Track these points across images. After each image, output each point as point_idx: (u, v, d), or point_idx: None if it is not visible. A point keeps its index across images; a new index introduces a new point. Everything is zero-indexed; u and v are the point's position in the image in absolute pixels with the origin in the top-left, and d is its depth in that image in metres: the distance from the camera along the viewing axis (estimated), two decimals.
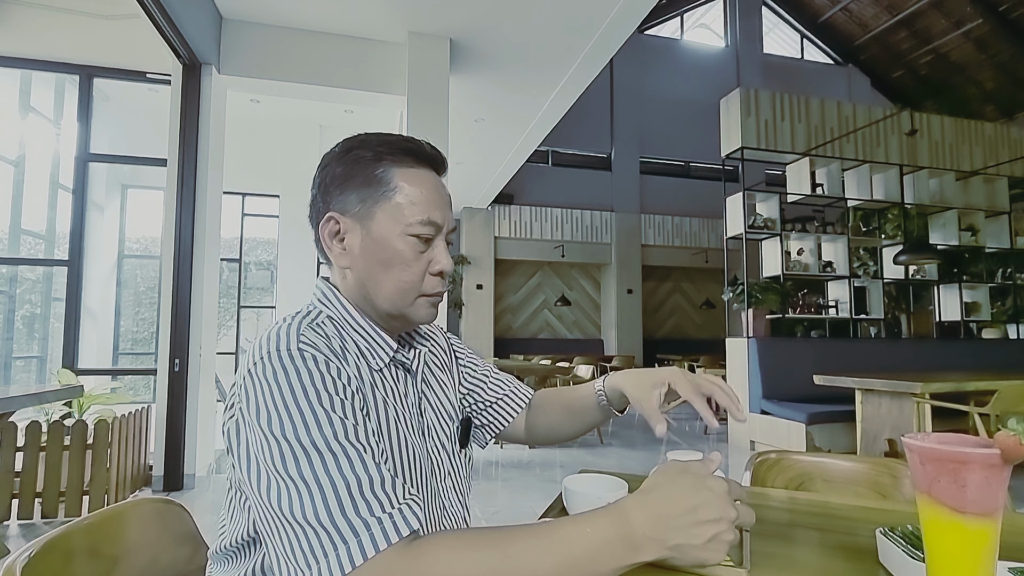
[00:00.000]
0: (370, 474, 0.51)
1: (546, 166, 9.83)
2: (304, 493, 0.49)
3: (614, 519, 0.51)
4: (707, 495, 0.51)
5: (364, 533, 0.47)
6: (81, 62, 4.23)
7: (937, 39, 10.48)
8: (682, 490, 0.52)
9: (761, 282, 5.38)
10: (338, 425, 0.53)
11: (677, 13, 10.87)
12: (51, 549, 0.60)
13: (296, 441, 0.51)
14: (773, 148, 5.38)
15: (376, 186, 0.65)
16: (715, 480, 0.53)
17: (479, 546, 0.49)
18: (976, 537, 0.44)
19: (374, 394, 0.64)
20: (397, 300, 0.67)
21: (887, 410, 3.27)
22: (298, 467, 0.50)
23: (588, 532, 0.50)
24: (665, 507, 0.51)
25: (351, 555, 0.46)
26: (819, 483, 1.12)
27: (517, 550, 0.48)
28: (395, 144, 0.67)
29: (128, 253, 6.50)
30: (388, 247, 0.65)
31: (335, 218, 0.67)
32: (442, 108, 3.78)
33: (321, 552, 0.47)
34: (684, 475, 0.54)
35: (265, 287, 7.36)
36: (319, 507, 0.48)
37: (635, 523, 0.50)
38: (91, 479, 2.79)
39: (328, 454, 0.51)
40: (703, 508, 0.51)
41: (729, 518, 0.51)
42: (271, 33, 3.76)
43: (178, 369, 3.38)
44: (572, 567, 0.48)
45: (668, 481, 0.53)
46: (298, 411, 0.52)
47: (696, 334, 10.77)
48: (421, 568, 0.47)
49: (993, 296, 6.24)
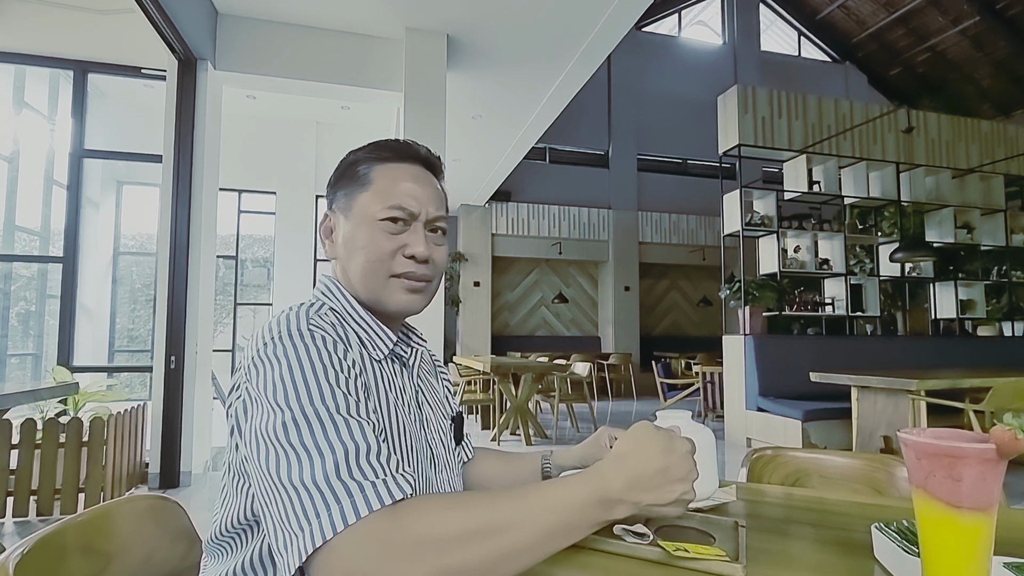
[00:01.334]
0: (368, 443, 0.52)
1: (543, 163, 9.82)
2: (304, 458, 0.51)
3: (594, 483, 0.54)
4: (674, 457, 0.56)
5: (358, 494, 0.48)
6: (75, 57, 4.20)
7: (934, 37, 10.49)
8: (654, 453, 0.56)
9: (758, 279, 5.39)
10: (341, 399, 0.55)
11: (675, 10, 10.85)
12: (45, 546, 0.60)
13: (300, 411, 0.53)
14: (770, 145, 5.39)
15: (357, 181, 0.71)
16: (681, 441, 0.58)
17: (464, 506, 0.51)
18: (971, 532, 0.44)
19: (375, 381, 0.67)
20: (369, 281, 0.70)
21: (883, 407, 3.29)
22: (299, 435, 0.52)
23: (570, 494, 0.53)
24: (638, 471, 0.55)
25: (344, 515, 0.47)
26: (815, 479, 1.12)
27: (502, 511, 0.51)
28: (381, 144, 0.74)
29: (124, 250, 6.47)
30: (361, 233, 0.69)
31: (328, 215, 0.74)
32: (439, 105, 3.77)
33: (313, 513, 0.48)
34: (655, 439, 0.57)
35: (262, 284, 7.34)
36: (317, 470, 0.50)
37: (612, 488, 0.54)
38: (87, 476, 2.78)
39: (329, 423, 0.52)
40: (672, 469, 0.55)
41: (692, 478, 0.56)
42: (267, 29, 3.74)
43: (174, 366, 3.37)
44: (553, 526, 0.51)
45: (640, 444, 0.57)
46: (304, 384, 0.54)
47: (693, 332, 10.79)
48: (404, 527, 0.48)
49: (988, 294, 6.27)
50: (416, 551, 0.47)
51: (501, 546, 0.49)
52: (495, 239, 9.36)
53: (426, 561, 0.47)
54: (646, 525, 0.65)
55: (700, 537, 0.65)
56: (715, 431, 5.52)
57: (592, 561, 0.60)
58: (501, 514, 0.50)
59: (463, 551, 0.48)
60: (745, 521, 0.68)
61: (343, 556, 0.47)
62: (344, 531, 0.47)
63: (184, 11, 3.16)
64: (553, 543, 0.52)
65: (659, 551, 0.59)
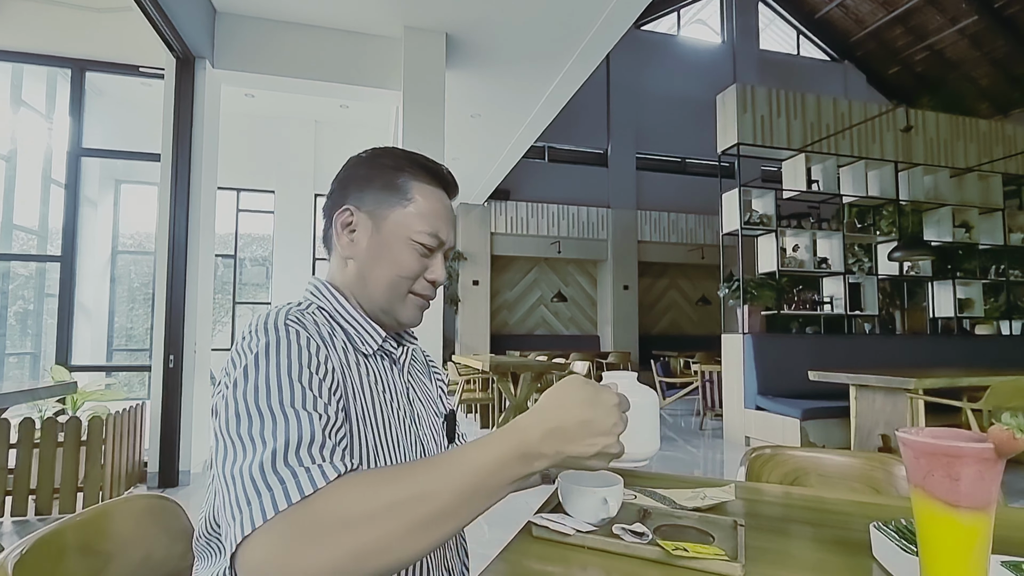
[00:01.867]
0: (312, 435, 0.52)
1: (542, 162, 9.81)
2: (240, 449, 0.51)
3: (511, 437, 0.53)
4: (599, 410, 0.54)
5: (290, 481, 0.48)
6: (73, 55, 4.19)
7: (933, 36, 10.50)
8: (576, 404, 0.54)
9: (757, 278, 5.39)
10: (297, 393, 0.54)
11: (674, 9, 10.85)
12: (44, 546, 0.60)
13: (254, 406, 0.53)
14: (769, 144, 5.39)
15: (394, 192, 0.72)
16: (607, 393, 0.56)
17: (382, 481, 0.50)
18: (969, 531, 0.44)
19: (360, 377, 0.67)
20: (390, 293, 0.72)
21: (881, 406, 3.29)
22: (242, 427, 0.52)
23: (487, 452, 0.52)
24: (559, 421, 0.53)
25: (275, 502, 0.47)
26: (814, 478, 1.13)
27: (416, 481, 0.50)
28: (417, 160, 0.75)
29: (122, 249, 6.46)
30: (393, 248, 0.71)
31: (350, 210, 0.72)
32: (438, 104, 3.76)
33: (245, 501, 0.47)
34: (579, 390, 0.55)
35: (260, 283, 7.33)
36: (253, 461, 0.49)
37: (531, 439, 0.52)
38: (85, 476, 2.78)
39: (273, 416, 0.52)
40: (595, 422, 0.53)
41: (618, 431, 0.54)
42: (266, 27, 3.73)
43: (173, 365, 3.37)
44: (471, 488, 0.50)
45: (563, 396, 0.55)
46: (264, 380, 0.55)
47: (692, 330, 10.80)
48: (317, 514, 0.47)
49: (986, 292, 6.28)
50: (329, 536, 0.46)
51: (419, 515, 0.48)
52: (494, 238, 9.36)
53: (341, 544, 0.46)
54: (644, 524, 0.65)
55: (699, 536, 0.65)
56: (714, 430, 5.55)
57: (591, 560, 0.60)
58: (416, 483, 0.49)
59: (379, 527, 0.47)
60: (744, 520, 0.68)
61: (256, 550, 0.46)
62: (262, 525, 0.46)
63: (182, 9, 3.15)
64: (473, 504, 0.51)
65: (658, 550, 0.59)
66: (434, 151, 3.66)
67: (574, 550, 0.63)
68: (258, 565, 0.46)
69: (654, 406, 0.68)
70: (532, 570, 0.59)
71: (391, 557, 0.47)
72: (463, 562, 0.77)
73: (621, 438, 0.55)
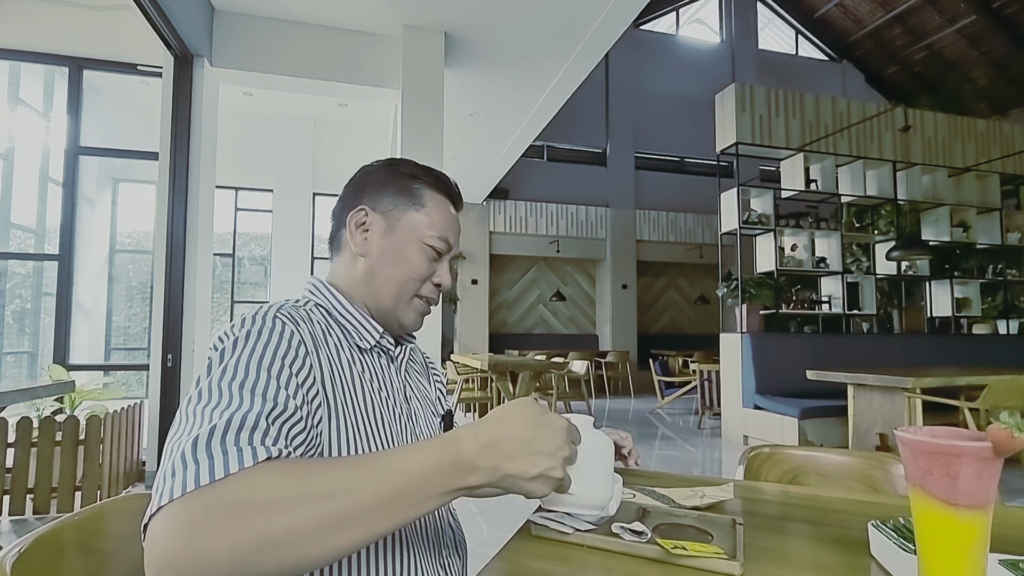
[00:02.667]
0: (255, 423, 0.49)
1: (541, 161, 9.80)
2: (186, 423, 0.49)
3: (445, 446, 0.50)
4: (544, 430, 0.51)
5: (218, 459, 0.45)
6: (71, 53, 4.17)
7: (931, 35, 10.51)
8: (519, 422, 0.51)
9: (755, 278, 5.40)
10: (261, 380, 0.53)
11: (672, 8, 10.84)
12: (41, 545, 0.60)
13: (216, 385, 0.52)
14: (768, 144, 5.39)
15: (409, 197, 0.76)
16: (555, 417, 0.53)
17: (305, 472, 0.47)
18: (967, 529, 0.44)
19: (353, 373, 0.67)
20: (397, 293, 0.74)
21: (879, 405, 3.30)
22: (200, 404, 0.51)
23: (416, 459, 0.49)
24: (498, 436, 0.50)
25: (196, 478, 0.44)
26: (812, 477, 1.13)
27: (339, 476, 0.47)
28: (432, 172, 0.80)
29: (120, 248, 6.45)
30: (405, 249, 0.74)
31: (365, 210, 0.75)
32: (437, 102, 3.76)
33: (170, 473, 0.45)
34: (525, 409, 0.53)
35: (259, 282, 7.32)
36: (190, 435, 0.47)
37: (465, 451, 0.49)
38: (83, 475, 2.78)
39: (228, 396, 0.51)
40: (537, 442, 0.50)
41: (562, 455, 0.51)
42: (264, 25, 3.72)
43: (171, 364, 3.36)
44: (393, 492, 0.47)
45: (507, 414, 0.52)
46: (234, 363, 0.54)
47: (690, 330, 10.80)
48: (227, 495, 0.44)
49: (984, 292, 6.30)
50: (234, 519, 0.43)
51: (331, 512, 0.45)
52: (493, 237, 9.35)
53: (243, 529, 0.42)
54: (643, 523, 0.65)
55: (698, 535, 0.65)
56: (712, 429, 5.55)
57: (590, 559, 0.60)
58: (338, 479, 0.46)
59: (286, 517, 0.43)
60: (743, 519, 0.69)
61: (159, 524, 0.43)
62: (174, 499, 0.43)
63: (180, 7, 3.14)
64: (394, 510, 0.47)
65: (657, 549, 0.59)
66: (433, 150, 3.66)
67: (573, 549, 0.63)
68: (158, 539, 0.42)
69: (609, 454, 0.61)
70: (531, 569, 0.59)
71: (293, 553, 0.44)
72: (461, 560, 0.77)
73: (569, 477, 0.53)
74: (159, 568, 0.42)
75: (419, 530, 0.69)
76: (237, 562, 0.42)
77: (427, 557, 0.68)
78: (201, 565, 0.41)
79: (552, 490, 0.52)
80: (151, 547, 0.43)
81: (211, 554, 0.42)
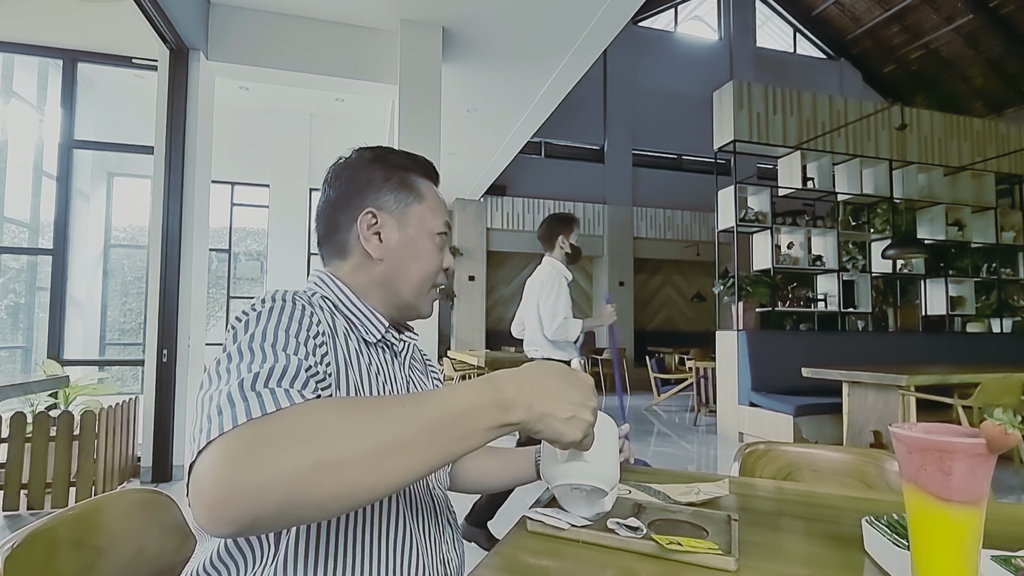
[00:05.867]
0: (295, 372, 0.52)
1: (539, 158, 9.79)
2: (219, 380, 0.51)
3: (487, 385, 0.53)
4: (574, 380, 0.57)
5: (267, 396, 0.47)
6: (65, 46, 4.14)
7: (928, 34, 10.53)
8: (551, 373, 0.57)
9: (751, 275, 5.41)
10: (291, 342, 0.56)
11: (671, 5, 10.83)
12: (35, 540, 0.59)
13: (246, 347, 0.54)
14: (765, 141, 5.40)
15: (408, 191, 0.76)
16: (585, 376, 0.59)
17: (354, 404, 0.48)
18: (961, 525, 0.44)
19: (361, 365, 0.69)
20: (420, 288, 0.76)
21: (873, 402, 3.32)
22: (232, 363, 0.52)
23: (463, 394, 0.52)
24: (535, 381, 0.55)
25: (248, 411, 0.45)
26: (806, 473, 1.13)
27: (392, 406, 0.48)
28: (415, 159, 0.79)
29: (115, 242, 6.41)
30: (421, 244, 0.76)
31: (372, 212, 0.74)
32: (434, 97, 3.74)
33: (216, 412, 0.45)
34: (555, 365, 0.58)
35: (255, 277, 7.29)
36: (231, 383, 0.49)
37: (506, 390, 0.53)
38: (78, 470, 2.77)
39: (262, 355, 0.53)
40: (569, 390, 0.56)
41: (590, 406, 0.56)
42: (260, 19, 3.69)
43: (166, 360, 3.35)
44: (445, 422, 0.49)
45: (539, 366, 0.57)
46: (261, 330, 0.56)
47: (687, 327, 10.83)
48: (280, 424, 0.45)
49: (978, 291, 6.33)
50: (294, 442, 0.43)
51: (385, 439, 0.46)
52: (490, 233, 9.34)
53: (305, 450, 0.43)
54: (639, 518, 0.66)
55: (693, 531, 0.65)
56: (708, 426, 5.57)
57: (586, 555, 0.60)
58: (388, 410, 0.48)
59: (343, 443, 0.44)
60: (737, 515, 0.69)
61: (212, 452, 0.43)
62: (226, 432, 0.44)
63: (176, 0, 3.11)
64: (441, 442, 0.48)
65: (652, 544, 0.59)
66: (430, 146, 3.64)
67: (569, 544, 0.63)
68: (212, 466, 0.42)
69: (615, 436, 0.67)
70: (527, 564, 0.59)
71: (349, 478, 0.44)
72: (459, 556, 0.78)
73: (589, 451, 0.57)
74: (215, 492, 0.41)
75: (420, 527, 0.70)
76: (294, 484, 0.42)
77: (428, 553, 0.69)
78: (258, 486, 0.41)
79: (582, 435, 0.55)
80: (203, 474, 0.42)
81: (269, 476, 0.42)
